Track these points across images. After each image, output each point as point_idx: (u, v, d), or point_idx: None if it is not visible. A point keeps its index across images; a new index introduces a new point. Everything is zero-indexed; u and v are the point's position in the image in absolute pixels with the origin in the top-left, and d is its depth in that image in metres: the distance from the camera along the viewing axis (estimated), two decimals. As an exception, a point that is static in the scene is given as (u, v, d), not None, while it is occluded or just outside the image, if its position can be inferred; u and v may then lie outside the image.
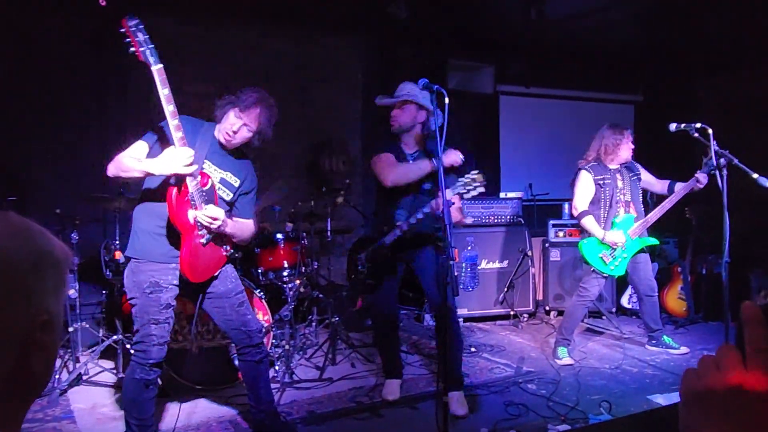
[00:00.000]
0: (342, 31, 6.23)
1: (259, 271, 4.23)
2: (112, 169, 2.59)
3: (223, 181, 2.79)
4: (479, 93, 6.85)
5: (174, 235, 2.66)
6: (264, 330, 3.18)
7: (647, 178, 4.48)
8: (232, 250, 2.87)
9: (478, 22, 6.05)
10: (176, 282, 2.73)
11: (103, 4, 4.80)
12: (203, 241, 2.67)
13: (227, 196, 2.81)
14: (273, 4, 5.52)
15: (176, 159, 2.45)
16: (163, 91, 2.44)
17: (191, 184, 2.56)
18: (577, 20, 5.92)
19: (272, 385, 3.20)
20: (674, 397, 3.48)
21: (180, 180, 2.56)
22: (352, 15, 5.90)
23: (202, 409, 3.43)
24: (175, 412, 3.30)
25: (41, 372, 0.77)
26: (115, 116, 5.01)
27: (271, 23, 5.83)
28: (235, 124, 2.70)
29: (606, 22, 5.90)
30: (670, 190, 4.33)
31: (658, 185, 4.47)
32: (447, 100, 2.56)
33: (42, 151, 4.81)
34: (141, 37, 2.38)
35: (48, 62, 4.79)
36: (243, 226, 2.87)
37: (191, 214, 2.60)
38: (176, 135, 2.48)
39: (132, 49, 2.38)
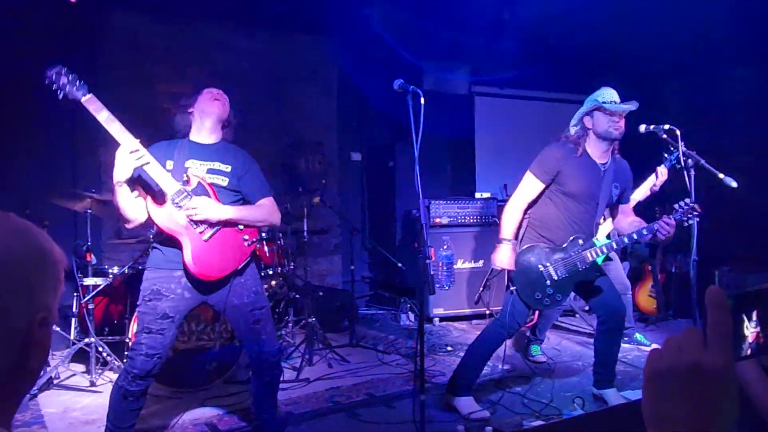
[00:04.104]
0: (317, 31, 6.22)
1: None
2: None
3: (211, 171, 2.70)
4: (454, 94, 6.89)
5: (175, 241, 2.58)
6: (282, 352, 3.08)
7: None
8: (253, 240, 2.73)
9: (452, 24, 6.10)
10: (181, 292, 2.62)
11: (74, 1, 4.72)
12: (205, 237, 2.58)
13: (223, 181, 2.71)
14: (247, 4, 5.48)
15: (125, 155, 2.40)
16: (101, 115, 2.48)
17: (170, 187, 2.51)
18: (550, 22, 6.01)
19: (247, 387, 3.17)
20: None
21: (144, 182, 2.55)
22: (327, 15, 5.89)
23: (178, 411, 3.39)
24: (149, 415, 3.27)
25: (36, 368, 0.80)
26: (85, 114, 4.90)
27: (245, 23, 5.80)
28: (207, 108, 2.72)
29: (577, 24, 6.00)
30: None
31: None
32: (423, 101, 2.59)
33: (10, 150, 4.70)
34: (64, 80, 2.44)
35: (18, 60, 4.68)
36: (252, 210, 2.75)
37: (178, 215, 2.54)
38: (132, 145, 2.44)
39: (61, 93, 2.47)
